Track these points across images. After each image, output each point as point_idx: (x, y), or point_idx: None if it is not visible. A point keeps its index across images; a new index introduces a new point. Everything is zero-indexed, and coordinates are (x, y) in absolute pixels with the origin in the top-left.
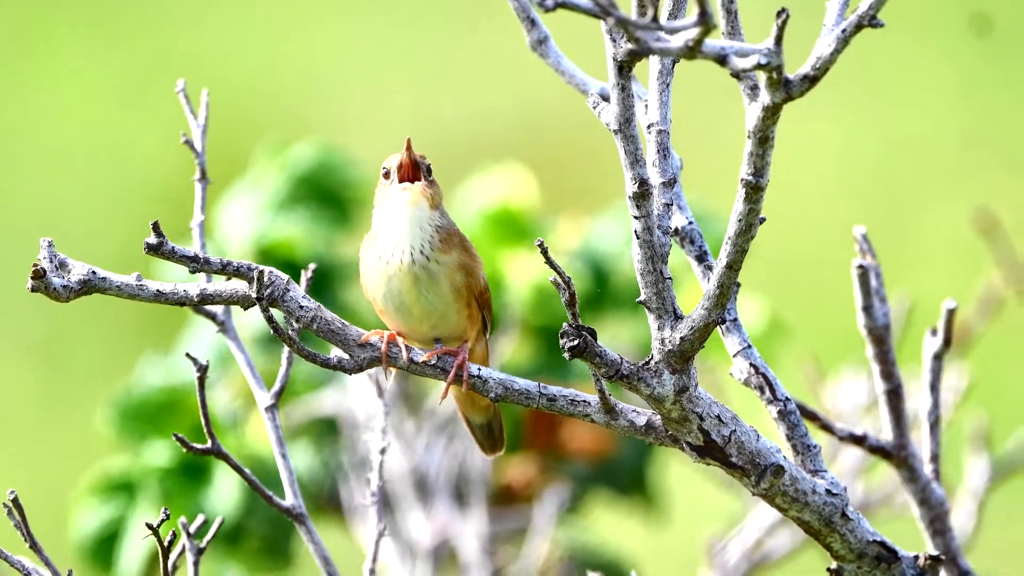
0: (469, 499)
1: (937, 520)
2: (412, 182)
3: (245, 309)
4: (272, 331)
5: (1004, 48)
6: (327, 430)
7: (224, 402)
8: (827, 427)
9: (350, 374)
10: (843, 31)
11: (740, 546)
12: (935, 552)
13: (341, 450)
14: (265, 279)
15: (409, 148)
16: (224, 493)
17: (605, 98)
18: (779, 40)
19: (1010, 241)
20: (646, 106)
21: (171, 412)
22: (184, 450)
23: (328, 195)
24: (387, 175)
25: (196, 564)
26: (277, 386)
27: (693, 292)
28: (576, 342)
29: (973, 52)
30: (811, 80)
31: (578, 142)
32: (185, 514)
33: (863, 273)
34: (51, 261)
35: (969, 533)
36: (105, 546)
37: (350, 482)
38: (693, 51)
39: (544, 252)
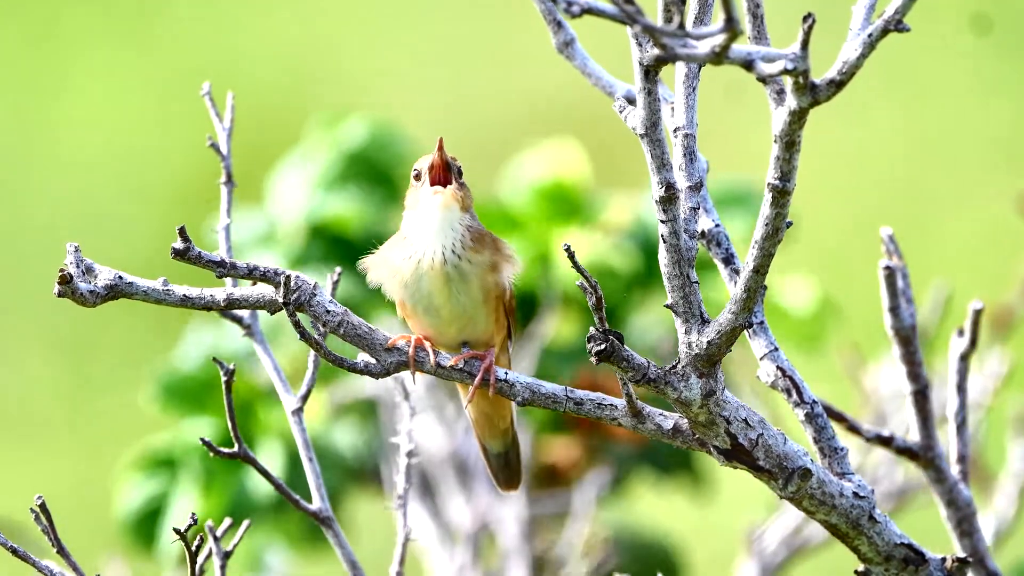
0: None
1: (964, 521)
2: (444, 184)
3: (272, 314)
4: (299, 336)
5: (1022, 43)
6: (371, 410)
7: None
8: (854, 429)
9: (377, 378)
10: (869, 36)
11: (779, 532)
12: (962, 554)
13: (384, 430)
14: (292, 284)
15: (441, 149)
16: (269, 464)
17: (631, 101)
18: (805, 45)
19: None
20: (672, 109)
21: (214, 388)
22: (211, 454)
23: (379, 172)
24: (418, 176)
25: (223, 568)
26: (304, 389)
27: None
28: (603, 346)
29: (994, 52)
30: (837, 84)
31: (594, 135)
32: (227, 492)
33: (890, 274)
34: (78, 266)
35: (1010, 518)
36: (148, 522)
37: (389, 461)
38: (719, 57)
39: (571, 256)
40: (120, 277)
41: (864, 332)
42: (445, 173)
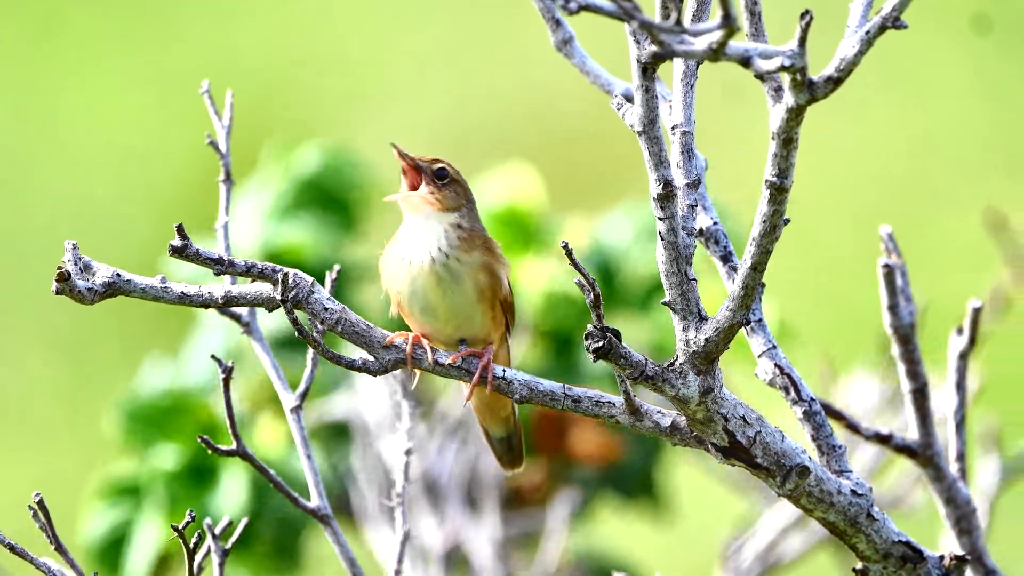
0: (481, 503)
1: (963, 519)
2: (415, 187)
3: (270, 311)
4: (297, 333)
5: (1022, 43)
6: (336, 435)
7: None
8: (853, 427)
9: (375, 376)
10: (867, 33)
11: (754, 548)
12: (961, 552)
13: (351, 454)
14: (290, 281)
15: (402, 155)
16: (231, 497)
17: (629, 99)
18: (803, 42)
19: (1018, 239)
20: (670, 107)
21: (177, 416)
22: (209, 451)
23: (333, 199)
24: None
25: (222, 566)
26: (302, 387)
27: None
28: (601, 343)
29: (991, 48)
30: (835, 82)
31: (591, 133)
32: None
33: (889, 272)
34: (76, 263)
35: (982, 532)
36: (112, 550)
37: (361, 487)
38: (717, 53)
39: (569, 254)
40: (118, 275)
41: (846, 337)
42: (415, 176)
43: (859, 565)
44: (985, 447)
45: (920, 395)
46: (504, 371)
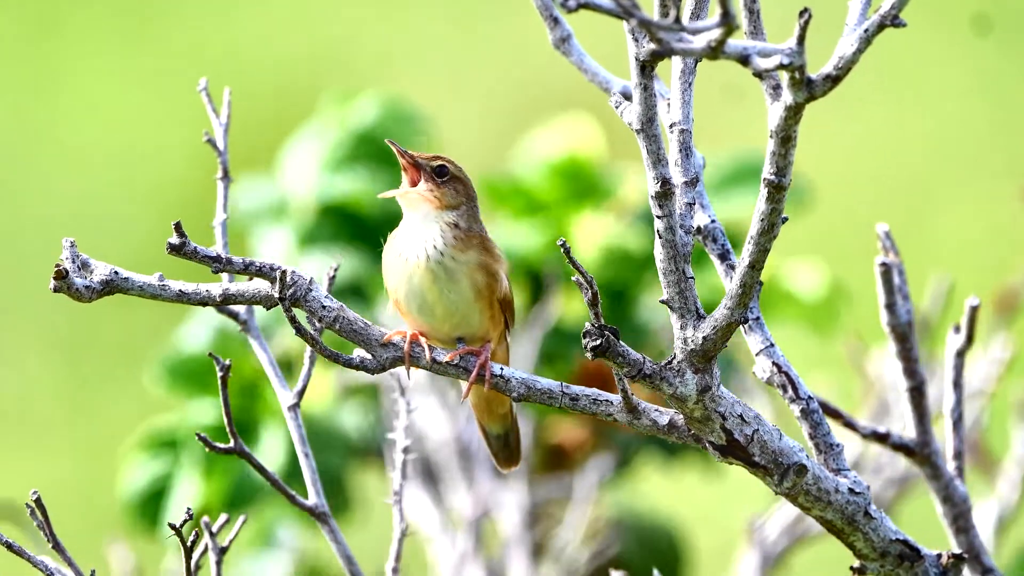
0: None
1: (960, 518)
2: (414, 184)
3: (268, 309)
4: (295, 331)
5: (1022, 42)
6: (377, 392)
7: (283, 353)
8: (850, 425)
9: (372, 374)
10: (865, 31)
11: (780, 521)
12: (958, 550)
13: (387, 412)
14: (288, 279)
15: (400, 153)
16: (270, 452)
17: (627, 97)
18: (801, 40)
19: None
20: (668, 105)
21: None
22: (208, 449)
23: (388, 151)
24: None
25: (219, 564)
26: (299, 385)
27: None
28: (599, 342)
29: (991, 47)
30: (833, 80)
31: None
32: (230, 473)
33: (886, 271)
34: (73, 261)
35: (1014, 503)
36: (152, 503)
37: (392, 448)
38: (715, 51)
39: (567, 252)
40: (116, 272)
41: (865, 323)
42: (414, 173)
43: (857, 563)
44: (1021, 416)
45: (917, 393)
46: (502, 369)
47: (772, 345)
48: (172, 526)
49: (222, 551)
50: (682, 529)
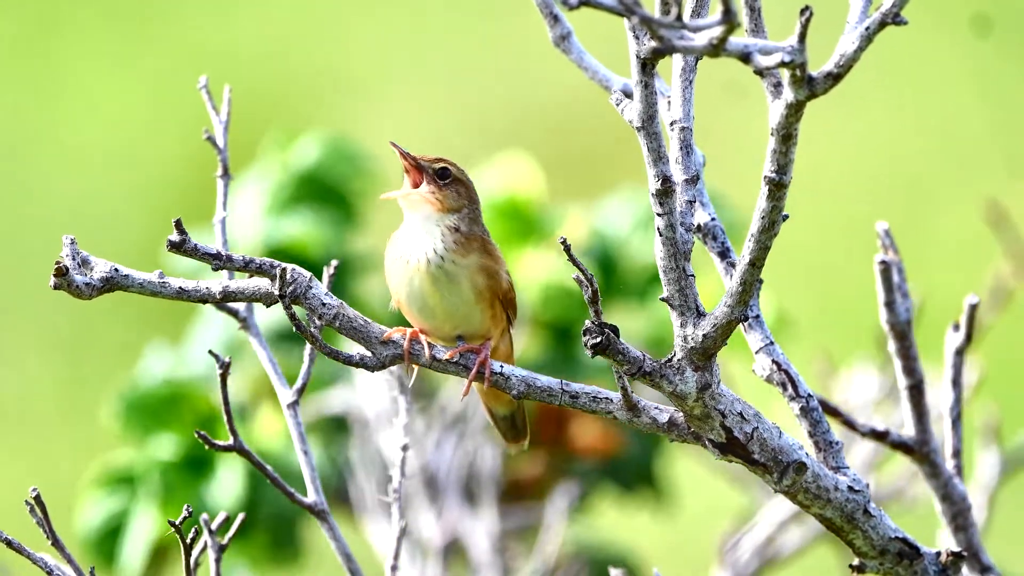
0: (479, 497)
1: (959, 516)
2: (416, 186)
3: (267, 306)
4: (294, 328)
5: (1022, 42)
6: (336, 428)
7: (233, 397)
8: (849, 423)
9: (372, 371)
10: (867, 29)
11: (752, 542)
12: (957, 548)
13: (350, 448)
14: (288, 276)
15: (403, 155)
16: (227, 487)
17: (628, 95)
18: (803, 38)
19: (1018, 233)
20: (669, 103)
21: (176, 406)
22: (206, 447)
23: (332, 191)
24: None
25: (218, 561)
26: (299, 383)
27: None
28: (599, 339)
29: (991, 47)
30: (835, 78)
31: (590, 126)
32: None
33: (886, 269)
34: (74, 259)
35: (980, 527)
36: (108, 540)
37: (359, 480)
38: (717, 49)
39: (567, 250)
40: (116, 269)
41: (843, 333)
42: (416, 175)
43: (856, 561)
44: (985, 440)
45: (916, 391)
46: (502, 367)
47: (772, 343)
48: (172, 523)
49: (221, 548)
50: (641, 561)
